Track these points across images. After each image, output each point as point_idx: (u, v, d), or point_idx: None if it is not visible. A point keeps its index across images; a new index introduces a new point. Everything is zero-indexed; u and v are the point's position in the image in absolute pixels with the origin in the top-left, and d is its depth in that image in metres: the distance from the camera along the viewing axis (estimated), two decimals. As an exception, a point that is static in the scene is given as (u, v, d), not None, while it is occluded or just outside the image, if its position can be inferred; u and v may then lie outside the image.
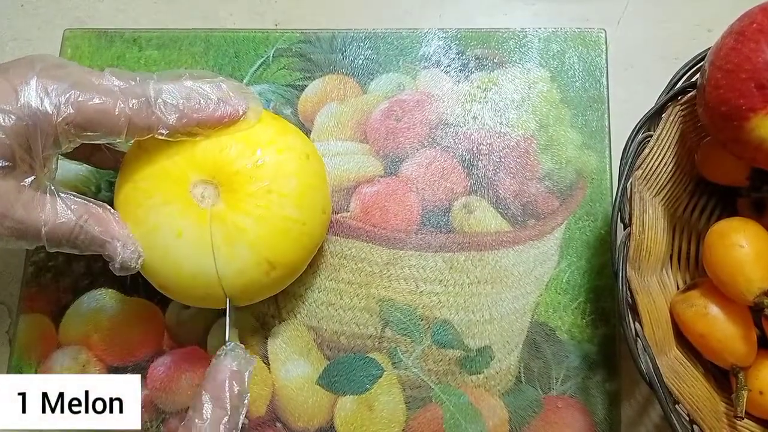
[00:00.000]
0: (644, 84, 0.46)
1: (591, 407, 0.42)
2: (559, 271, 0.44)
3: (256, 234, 0.36)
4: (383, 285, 0.44)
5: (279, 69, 0.49)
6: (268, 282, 0.38)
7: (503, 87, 0.48)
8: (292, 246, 0.38)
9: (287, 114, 0.48)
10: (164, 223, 0.35)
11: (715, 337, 0.37)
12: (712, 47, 0.35)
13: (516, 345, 0.43)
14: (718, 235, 0.37)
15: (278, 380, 0.43)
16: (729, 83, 0.33)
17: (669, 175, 0.40)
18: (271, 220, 0.36)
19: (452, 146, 0.47)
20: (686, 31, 0.49)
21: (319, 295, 0.44)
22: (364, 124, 0.47)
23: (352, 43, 0.49)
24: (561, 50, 0.48)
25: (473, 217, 0.45)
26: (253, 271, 0.36)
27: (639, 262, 0.38)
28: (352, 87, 0.48)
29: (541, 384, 0.42)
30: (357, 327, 0.44)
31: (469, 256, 0.44)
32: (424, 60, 0.49)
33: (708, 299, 0.37)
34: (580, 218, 0.45)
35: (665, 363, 0.36)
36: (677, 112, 0.39)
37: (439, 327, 0.43)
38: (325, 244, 0.45)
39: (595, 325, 0.43)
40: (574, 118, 0.47)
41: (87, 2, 0.52)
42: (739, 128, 0.33)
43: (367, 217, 0.45)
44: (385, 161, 0.47)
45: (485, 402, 0.42)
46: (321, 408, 0.42)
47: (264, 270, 0.37)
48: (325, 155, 0.47)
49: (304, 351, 0.43)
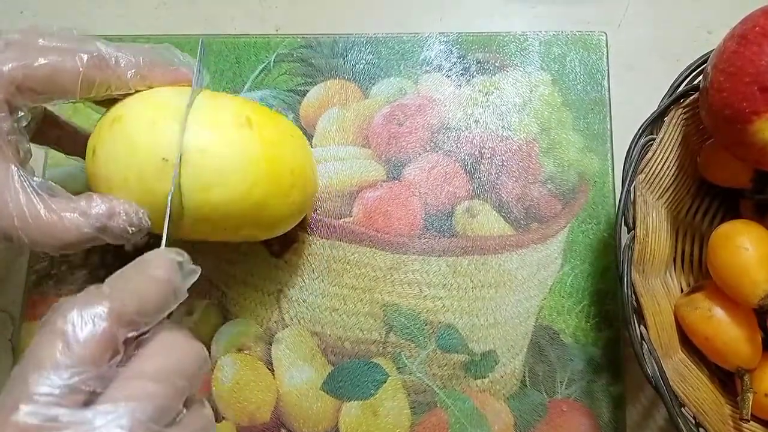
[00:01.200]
0: (646, 86, 0.46)
1: (596, 410, 0.42)
2: (563, 274, 0.44)
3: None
4: (387, 290, 0.44)
5: (280, 74, 0.49)
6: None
7: (505, 91, 0.48)
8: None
9: (289, 119, 0.48)
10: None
11: (719, 339, 0.37)
12: (715, 50, 0.35)
13: (520, 349, 0.43)
14: (721, 238, 0.37)
15: (283, 386, 0.43)
16: (732, 86, 0.33)
17: (672, 177, 0.40)
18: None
19: (454, 150, 0.47)
20: (687, 33, 0.49)
21: (322, 300, 0.44)
22: (366, 128, 0.47)
23: (354, 48, 0.49)
24: (562, 53, 0.48)
25: (476, 221, 0.45)
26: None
27: (643, 265, 0.38)
28: (354, 92, 0.48)
29: (545, 388, 0.42)
30: (361, 332, 0.44)
31: (473, 260, 0.44)
32: (425, 64, 0.49)
33: (712, 302, 0.37)
34: (582, 221, 0.45)
35: (670, 366, 0.37)
36: (680, 115, 0.39)
37: (444, 331, 0.43)
38: (328, 250, 0.45)
39: (599, 328, 0.43)
40: (575, 121, 0.47)
41: (87, 8, 0.52)
42: (743, 131, 0.33)
43: (370, 222, 0.45)
44: (387, 166, 0.47)
45: (490, 406, 0.42)
46: (326, 414, 0.42)
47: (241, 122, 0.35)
48: (327, 160, 0.47)
49: (308, 356, 0.43)
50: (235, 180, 0.34)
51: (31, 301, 0.46)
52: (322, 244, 0.45)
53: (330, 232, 0.45)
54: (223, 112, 0.35)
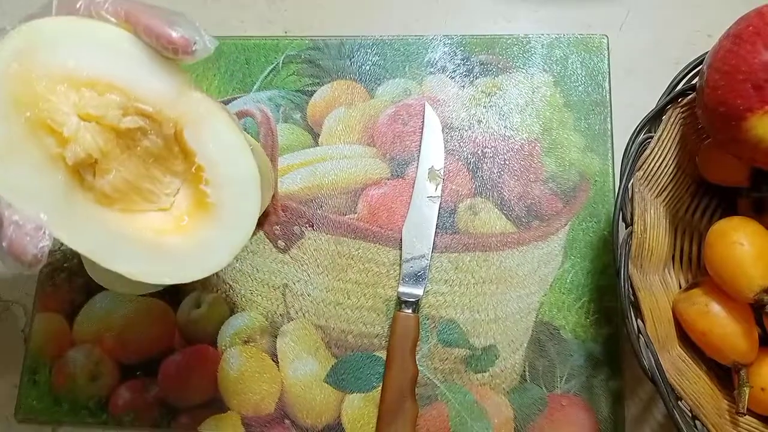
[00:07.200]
0: (646, 88, 0.47)
1: (595, 405, 0.42)
2: (563, 271, 0.45)
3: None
4: (390, 285, 0.45)
5: (289, 75, 0.50)
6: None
7: (507, 92, 0.49)
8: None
9: (296, 118, 0.49)
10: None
11: (716, 334, 0.37)
12: (710, 50, 0.36)
13: (521, 344, 0.44)
14: (718, 234, 0.37)
15: (287, 378, 0.44)
16: (727, 84, 0.34)
17: (670, 176, 0.41)
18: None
19: (457, 149, 0.48)
20: (686, 37, 0.50)
21: (327, 294, 0.45)
22: (371, 128, 0.49)
23: (360, 50, 0.50)
24: (564, 55, 0.49)
25: (478, 219, 0.46)
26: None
27: (641, 260, 0.38)
28: (360, 92, 0.49)
29: (545, 382, 0.43)
30: (364, 326, 0.44)
31: (475, 256, 0.45)
32: (429, 66, 0.50)
33: (709, 297, 0.38)
34: (583, 219, 0.46)
35: (668, 360, 0.37)
36: (677, 114, 0.40)
37: (445, 326, 0.44)
38: (333, 245, 0.46)
39: (599, 324, 0.44)
40: (577, 122, 0.48)
41: (102, 11, 0.54)
42: (737, 128, 0.34)
43: (374, 218, 0.46)
44: (391, 164, 0.48)
45: (490, 400, 0.43)
46: (329, 405, 0.43)
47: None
48: (333, 158, 0.48)
49: (312, 349, 0.44)
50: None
51: (44, 294, 0.47)
52: (327, 239, 0.46)
53: (335, 228, 0.46)
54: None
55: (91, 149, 0.30)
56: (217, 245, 0.32)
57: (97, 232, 0.31)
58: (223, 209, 0.33)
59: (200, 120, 0.32)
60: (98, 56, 0.31)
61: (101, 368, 0.45)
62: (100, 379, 0.45)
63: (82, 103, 0.30)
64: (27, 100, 0.29)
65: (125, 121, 0.31)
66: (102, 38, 0.31)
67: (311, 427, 0.43)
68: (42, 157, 0.29)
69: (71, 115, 0.30)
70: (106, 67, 0.31)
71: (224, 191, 0.33)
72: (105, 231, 0.31)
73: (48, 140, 0.30)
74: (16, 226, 0.27)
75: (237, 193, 0.33)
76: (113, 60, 0.31)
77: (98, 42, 0.31)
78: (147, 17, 0.31)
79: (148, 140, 0.33)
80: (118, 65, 0.31)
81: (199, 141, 0.32)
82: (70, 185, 0.30)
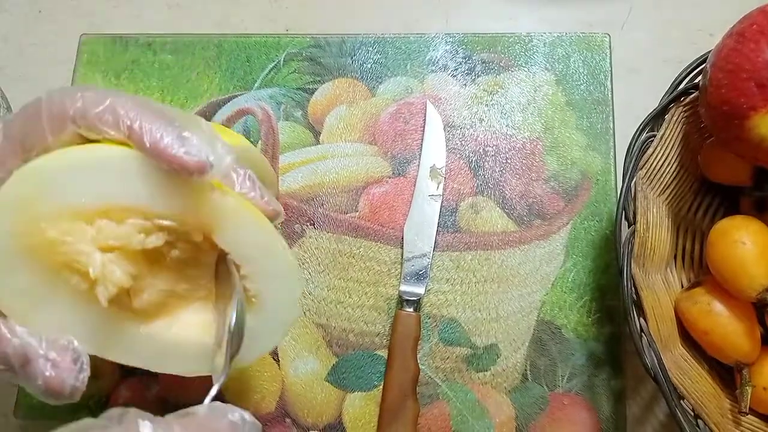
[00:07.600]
0: (648, 87, 0.47)
1: (597, 404, 0.42)
2: (565, 270, 0.45)
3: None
4: (391, 283, 0.45)
5: (290, 73, 0.50)
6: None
7: (509, 90, 0.49)
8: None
9: (298, 116, 0.49)
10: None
11: (718, 333, 0.37)
12: (714, 48, 0.36)
13: (522, 343, 0.44)
14: (720, 233, 0.37)
15: (288, 377, 0.44)
16: (730, 83, 0.34)
17: (673, 175, 0.41)
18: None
19: (459, 148, 0.47)
20: (689, 36, 0.50)
21: (328, 293, 0.45)
22: (372, 126, 0.48)
23: (361, 48, 0.50)
24: (566, 54, 0.49)
25: (480, 217, 0.46)
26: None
27: (643, 259, 0.38)
28: (361, 90, 0.49)
29: (547, 381, 0.43)
30: (365, 325, 0.44)
31: (476, 255, 0.45)
32: (431, 64, 0.50)
33: (712, 296, 0.38)
34: (585, 218, 0.46)
35: (670, 359, 0.37)
36: (680, 113, 0.40)
37: (446, 325, 0.44)
38: (334, 244, 0.46)
39: (601, 323, 0.44)
40: (579, 121, 0.48)
41: (103, 8, 0.54)
42: (740, 127, 0.34)
43: (375, 216, 0.46)
44: (393, 162, 0.47)
45: (492, 399, 0.43)
46: (330, 404, 0.43)
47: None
48: (334, 157, 0.48)
49: (313, 348, 0.44)
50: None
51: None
52: (329, 238, 0.46)
53: (336, 227, 0.46)
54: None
55: (121, 282, 0.29)
56: (264, 331, 0.32)
57: (144, 346, 0.31)
58: (267, 300, 0.32)
59: (226, 219, 0.30)
60: (106, 182, 0.28)
61: (101, 367, 0.45)
62: (100, 378, 0.45)
63: (101, 236, 0.29)
64: (42, 249, 0.28)
65: (149, 241, 0.30)
66: (106, 162, 0.28)
67: (312, 425, 0.43)
68: (72, 299, 0.29)
69: (93, 253, 0.28)
70: (117, 192, 0.29)
71: (264, 284, 0.32)
72: (152, 343, 0.31)
73: (74, 279, 0.29)
74: (53, 364, 0.27)
75: (278, 284, 0.32)
76: (122, 182, 0.29)
77: (103, 167, 0.28)
78: (153, 134, 0.27)
79: (176, 249, 0.31)
80: (128, 187, 0.29)
81: (231, 242, 0.31)
82: (106, 314, 0.30)
